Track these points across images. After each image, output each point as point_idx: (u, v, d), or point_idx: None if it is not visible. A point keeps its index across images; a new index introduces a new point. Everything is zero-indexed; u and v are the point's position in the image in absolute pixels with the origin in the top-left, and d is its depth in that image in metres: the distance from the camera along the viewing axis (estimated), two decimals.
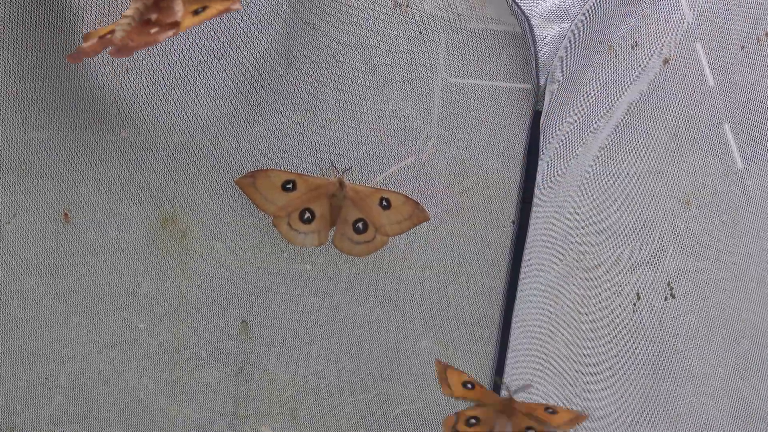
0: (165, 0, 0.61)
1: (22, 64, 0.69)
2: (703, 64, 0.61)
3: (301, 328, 0.82)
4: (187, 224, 0.77)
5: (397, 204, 0.75)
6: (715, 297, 0.62)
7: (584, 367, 0.75)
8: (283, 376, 0.84)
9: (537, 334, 0.81)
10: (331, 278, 0.81)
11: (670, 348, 0.66)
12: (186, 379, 0.82)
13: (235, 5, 0.59)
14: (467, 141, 0.77)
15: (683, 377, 0.65)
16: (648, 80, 0.66)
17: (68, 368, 0.79)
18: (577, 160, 0.74)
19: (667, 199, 0.65)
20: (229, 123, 0.74)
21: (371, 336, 0.83)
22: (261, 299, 0.81)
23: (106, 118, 0.72)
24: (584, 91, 0.72)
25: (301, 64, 0.73)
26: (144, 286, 0.78)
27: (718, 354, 0.62)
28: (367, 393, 0.85)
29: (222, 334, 0.81)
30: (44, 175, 0.73)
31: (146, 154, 0.74)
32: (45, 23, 0.68)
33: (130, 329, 0.79)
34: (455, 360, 0.85)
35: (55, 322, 0.78)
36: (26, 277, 0.76)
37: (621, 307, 0.70)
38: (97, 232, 0.76)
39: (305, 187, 0.74)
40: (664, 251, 0.66)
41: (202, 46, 0.71)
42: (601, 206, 0.72)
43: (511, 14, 0.72)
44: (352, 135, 0.76)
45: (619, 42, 0.68)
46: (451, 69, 0.74)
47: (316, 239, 0.76)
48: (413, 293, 0.82)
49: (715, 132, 0.60)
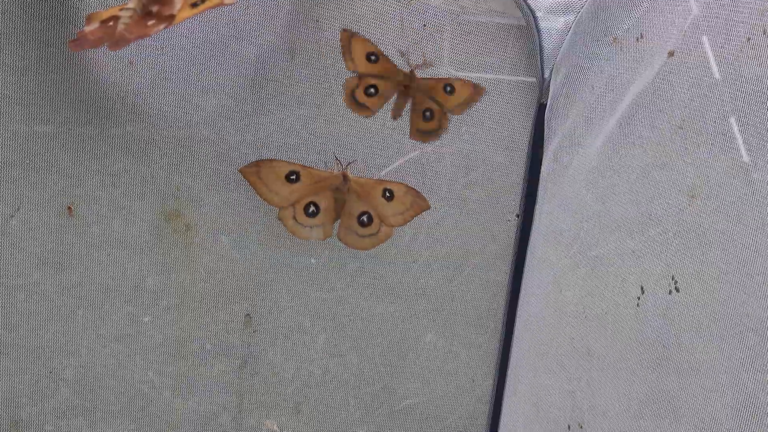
0: None
1: (26, 57, 0.69)
2: (708, 57, 0.60)
3: (306, 321, 0.82)
4: (191, 218, 0.77)
5: (399, 194, 0.75)
6: (721, 290, 0.61)
7: (588, 361, 0.75)
8: (288, 369, 0.84)
9: (541, 328, 0.81)
10: (336, 272, 0.81)
11: (674, 342, 0.66)
12: (191, 373, 0.82)
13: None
14: (472, 134, 0.77)
15: (688, 371, 0.65)
16: (653, 73, 0.65)
17: (73, 362, 0.79)
18: (582, 153, 0.73)
19: (672, 193, 0.65)
20: (233, 116, 0.74)
21: (376, 329, 0.84)
22: (266, 293, 0.81)
23: (111, 111, 0.72)
24: (589, 83, 0.72)
25: (304, 57, 0.73)
26: (149, 280, 0.78)
27: (723, 348, 0.61)
28: (372, 386, 0.85)
29: (227, 327, 0.81)
30: (48, 168, 0.73)
31: (151, 147, 0.74)
32: (49, 16, 0.68)
33: (135, 323, 0.79)
34: (460, 353, 0.85)
35: (60, 316, 0.78)
36: (31, 270, 0.76)
37: (625, 301, 0.70)
38: (101, 225, 0.76)
39: (309, 180, 0.74)
40: (668, 245, 0.66)
41: (205, 40, 0.71)
42: (605, 199, 0.71)
43: (516, 7, 0.72)
44: (357, 128, 0.76)
45: (624, 34, 0.68)
46: (456, 62, 0.74)
47: (322, 233, 0.76)
48: (418, 287, 0.83)
49: (721, 125, 0.60)
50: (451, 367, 0.86)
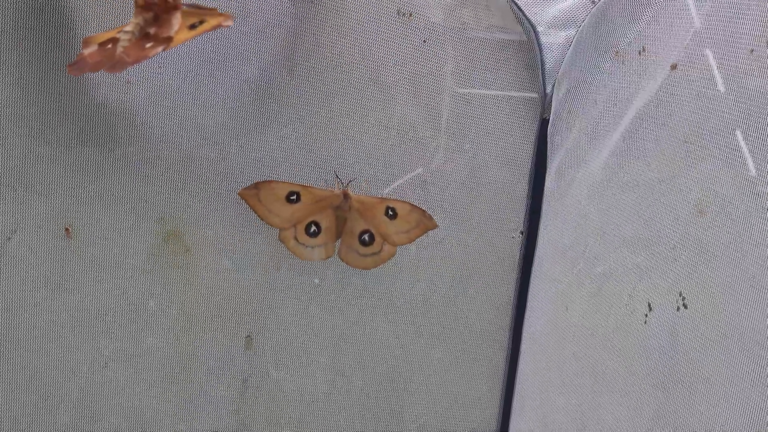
0: (164, 14, 0.61)
1: (24, 77, 0.70)
2: (712, 69, 0.60)
3: (310, 342, 0.82)
4: (192, 238, 0.77)
5: (404, 213, 0.74)
6: (729, 306, 0.60)
7: (595, 379, 0.74)
8: (292, 391, 0.83)
9: (547, 345, 0.80)
10: (340, 291, 0.81)
11: (683, 359, 0.65)
12: (193, 395, 0.81)
13: (228, 22, 0.60)
14: (474, 151, 0.77)
15: (697, 389, 0.64)
16: (656, 86, 0.65)
17: (73, 385, 0.79)
18: (586, 168, 0.73)
19: (678, 207, 0.64)
20: (234, 135, 0.74)
21: (381, 349, 0.83)
22: (268, 313, 0.80)
23: (110, 131, 0.73)
24: (591, 98, 0.72)
25: (304, 75, 0.73)
26: (150, 302, 0.78)
27: (733, 365, 0.61)
28: (377, 407, 0.85)
29: (229, 348, 0.81)
30: (47, 189, 0.73)
31: (150, 167, 0.74)
32: (47, 36, 0.69)
33: (136, 345, 0.79)
34: (466, 371, 0.84)
35: (59, 338, 0.77)
36: (30, 292, 0.76)
37: (632, 318, 0.69)
38: (101, 246, 0.76)
39: (310, 199, 0.74)
40: (675, 260, 0.65)
41: (204, 58, 0.71)
42: (610, 215, 0.71)
43: (517, 22, 0.72)
44: (358, 146, 0.76)
45: (626, 48, 0.68)
46: (458, 78, 0.74)
47: (324, 252, 0.76)
48: (423, 305, 0.82)
49: (726, 138, 0.59)
50: (457, 386, 0.85)
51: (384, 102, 0.74)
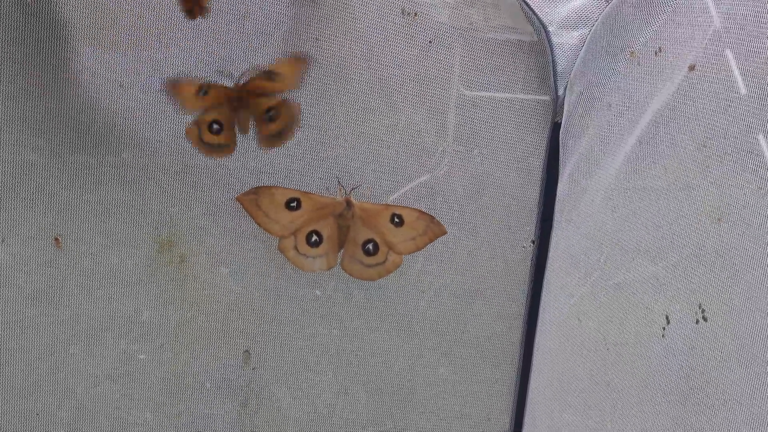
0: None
1: (14, 83, 0.69)
2: (733, 71, 0.59)
3: (311, 357, 0.81)
4: (188, 249, 0.76)
5: (410, 220, 0.73)
6: (751, 318, 0.59)
7: (609, 395, 0.73)
8: (292, 408, 0.82)
9: (560, 360, 0.79)
10: (342, 303, 0.80)
11: (701, 374, 0.64)
12: (189, 412, 0.81)
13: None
14: (483, 156, 0.76)
15: (716, 405, 0.63)
16: (673, 88, 0.64)
17: (66, 402, 0.78)
18: (600, 174, 0.72)
19: (696, 215, 0.63)
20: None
21: (385, 364, 0.82)
22: (267, 327, 0.79)
23: (104, 138, 0.72)
24: (606, 101, 0.71)
25: (305, 77, 0.72)
26: (144, 314, 0.77)
27: (754, 380, 0.59)
28: (381, 425, 0.84)
29: (227, 364, 0.80)
30: (37, 198, 0.73)
31: (145, 175, 0.73)
32: (39, 43, 0.68)
33: (130, 360, 0.78)
34: (474, 388, 0.83)
35: (51, 353, 0.77)
36: (20, 305, 0.75)
37: (649, 331, 0.68)
38: (94, 257, 0.75)
39: (311, 206, 0.73)
40: (694, 270, 0.64)
41: (201, 62, 0.70)
42: (626, 223, 0.70)
43: (527, 22, 0.71)
44: (362, 152, 0.75)
45: (642, 48, 0.67)
46: (465, 81, 0.73)
47: (325, 263, 0.75)
48: (429, 318, 0.81)
49: (747, 142, 0.58)
50: (465, 403, 0.84)
51: (388, 105, 0.73)
